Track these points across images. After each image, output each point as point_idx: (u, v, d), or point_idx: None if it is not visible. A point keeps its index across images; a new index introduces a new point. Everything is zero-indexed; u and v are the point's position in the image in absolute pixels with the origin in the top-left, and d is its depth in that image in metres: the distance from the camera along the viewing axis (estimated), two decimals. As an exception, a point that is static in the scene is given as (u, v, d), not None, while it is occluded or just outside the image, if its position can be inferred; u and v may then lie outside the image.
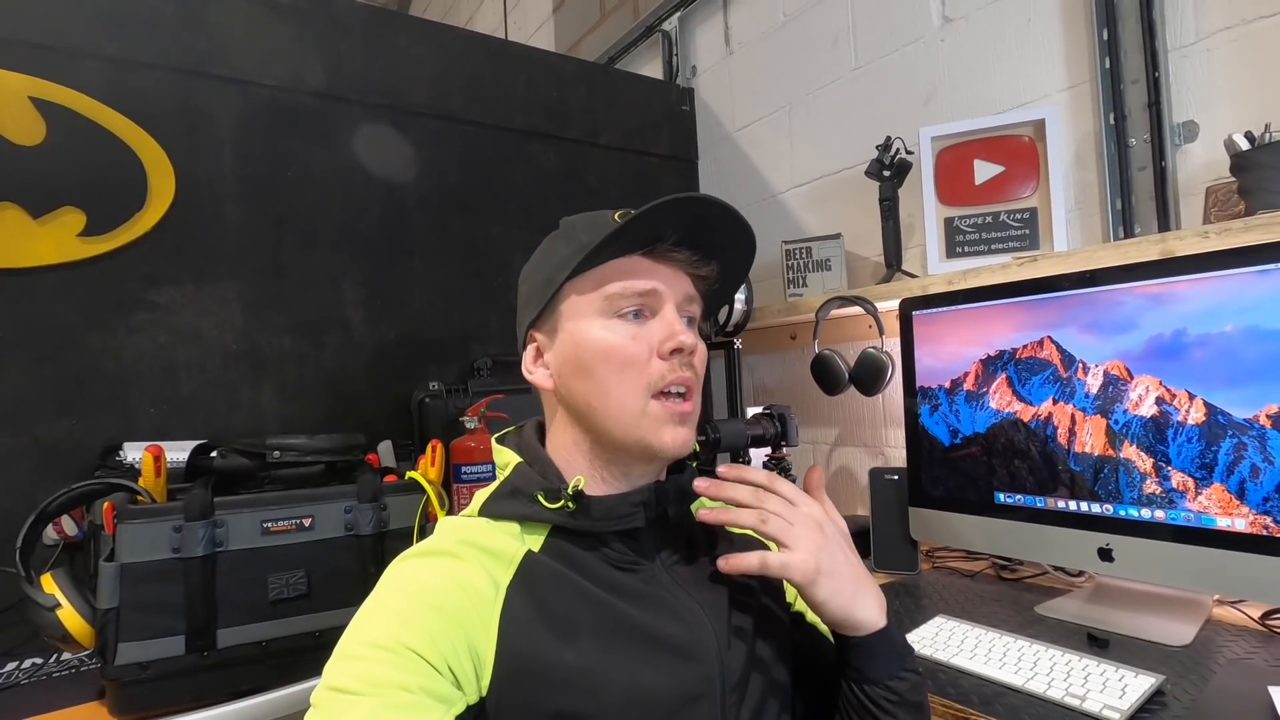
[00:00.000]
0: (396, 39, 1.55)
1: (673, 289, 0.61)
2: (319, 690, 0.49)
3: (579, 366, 0.60)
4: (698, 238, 0.61)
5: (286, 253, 1.39)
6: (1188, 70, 1.09)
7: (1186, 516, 0.87)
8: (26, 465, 1.14)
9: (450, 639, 0.51)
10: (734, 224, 0.62)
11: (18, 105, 1.15)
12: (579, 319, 0.61)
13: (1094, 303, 0.95)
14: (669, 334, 0.59)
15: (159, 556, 0.79)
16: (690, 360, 0.61)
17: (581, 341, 0.60)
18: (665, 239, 0.60)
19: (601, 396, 0.59)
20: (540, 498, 0.58)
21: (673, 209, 0.58)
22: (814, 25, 1.69)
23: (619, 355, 0.59)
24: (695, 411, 0.62)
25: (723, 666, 0.58)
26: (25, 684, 0.92)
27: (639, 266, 0.60)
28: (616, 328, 0.60)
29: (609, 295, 0.60)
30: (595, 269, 0.60)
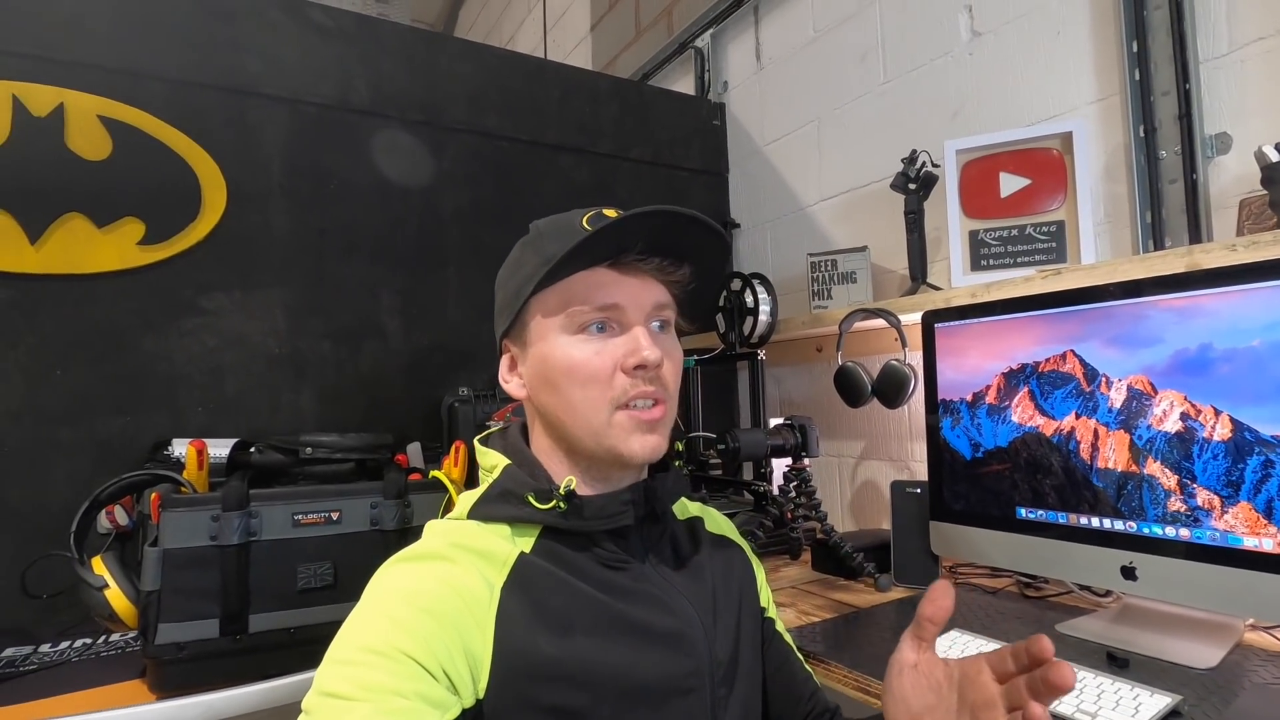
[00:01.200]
0: (436, 58, 1.62)
1: (639, 301, 0.61)
2: (311, 696, 0.49)
3: (546, 380, 0.61)
4: (665, 244, 0.61)
5: (328, 262, 1.46)
6: (1220, 81, 1.07)
7: (1212, 535, 0.85)
8: (85, 458, 1.22)
9: (445, 643, 0.51)
10: (700, 228, 0.61)
11: (88, 124, 1.25)
12: (545, 334, 0.61)
13: (1118, 316, 0.94)
14: (632, 350, 0.59)
15: (198, 543, 0.84)
16: (656, 373, 0.60)
17: (547, 357, 0.61)
18: (629, 250, 0.60)
19: (568, 410, 0.60)
20: (531, 499, 0.59)
21: (639, 222, 0.58)
22: (843, 41, 1.70)
23: (582, 371, 0.59)
24: (665, 416, 0.61)
25: (711, 659, 0.60)
26: (75, 661, 0.98)
27: (604, 280, 0.60)
28: (580, 344, 0.60)
29: (572, 312, 0.60)
30: (560, 282, 0.60)
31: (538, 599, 0.55)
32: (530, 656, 0.53)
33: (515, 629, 0.53)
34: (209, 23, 1.36)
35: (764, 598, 0.76)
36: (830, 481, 1.71)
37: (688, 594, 0.63)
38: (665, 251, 0.61)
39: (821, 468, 1.72)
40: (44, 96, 1.21)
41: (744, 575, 0.73)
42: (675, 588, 0.62)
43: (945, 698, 0.50)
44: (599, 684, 0.54)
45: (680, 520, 0.73)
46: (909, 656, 0.53)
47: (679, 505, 0.75)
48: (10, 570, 1.05)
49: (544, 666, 0.53)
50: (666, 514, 0.67)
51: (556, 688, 0.53)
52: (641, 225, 0.58)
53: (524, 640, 0.53)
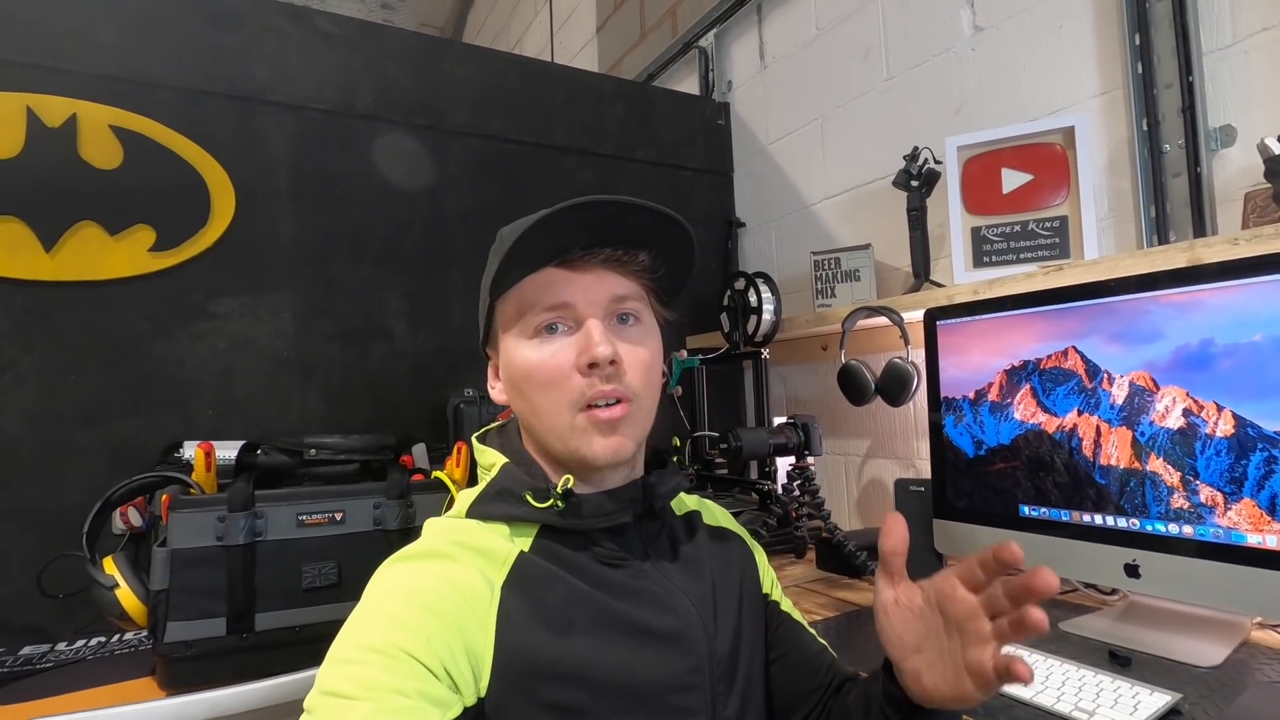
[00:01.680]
0: (440, 63, 1.64)
1: (591, 296, 0.59)
2: (313, 695, 0.49)
3: (513, 386, 0.61)
4: (611, 234, 0.59)
5: (334, 266, 1.48)
6: (1224, 73, 1.05)
7: (1215, 533, 0.84)
8: (100, 460, 1.25)
9: (447, 641, 0.51)
10: (638, 213, 0.58)
11: (100, 133, 1.27)
12: (507, 339, 0.61)
13: (1119, 312, 0.93)
14: (583, 348, 0.58)
15: (205, 544, 0.86)
16: (615, 370, 0.58)
17: (509, 362, 0.61)
18: (571, 246, 0.58)
19: (535, 414, 0.60)
20: (529, 498, 0.59)
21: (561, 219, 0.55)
22: (846, 38, 1.70)
23: (539, 375, 0.59)
24: (629, 415, 0.59)
25: (711, 656, 0.60)
26: (90, 659, 1.00)
27: (553, 279, 0.59)
28: (536, 347, 0.59)
29: (524, 315, 0.59)
30: (515, 287, 0.60)
31: (537, 597, 0.56)
32: (531, 655, 0.53)
33: (516, 627, 0.54)
34: (216, 32, 1.39)
35: (766, 582, 0.75)
36: (836, 480, 1.71)
37: (687, 591, 0.63)
38: (614, 241, 0.59)
39: (827, 466, 1.72)
40: (57, 107, 1.24)
41: (744, 563, 0.72)
42: (674, 585, 0.62)
43: (931, 622, 0.52)
44: (599, 682, 0.54)
45: (678, 515, 0.73)
46: (887, 594, 0.56)
47: (676, 500, 0.75)
48: (28, 570, 1.08)
49: (544, 665, 0.53)
50: (664, 511, 0.67)
51: (557, 686, 0.53)
52: (571, 220, 0.56)
53: (525, 639, 0.53)
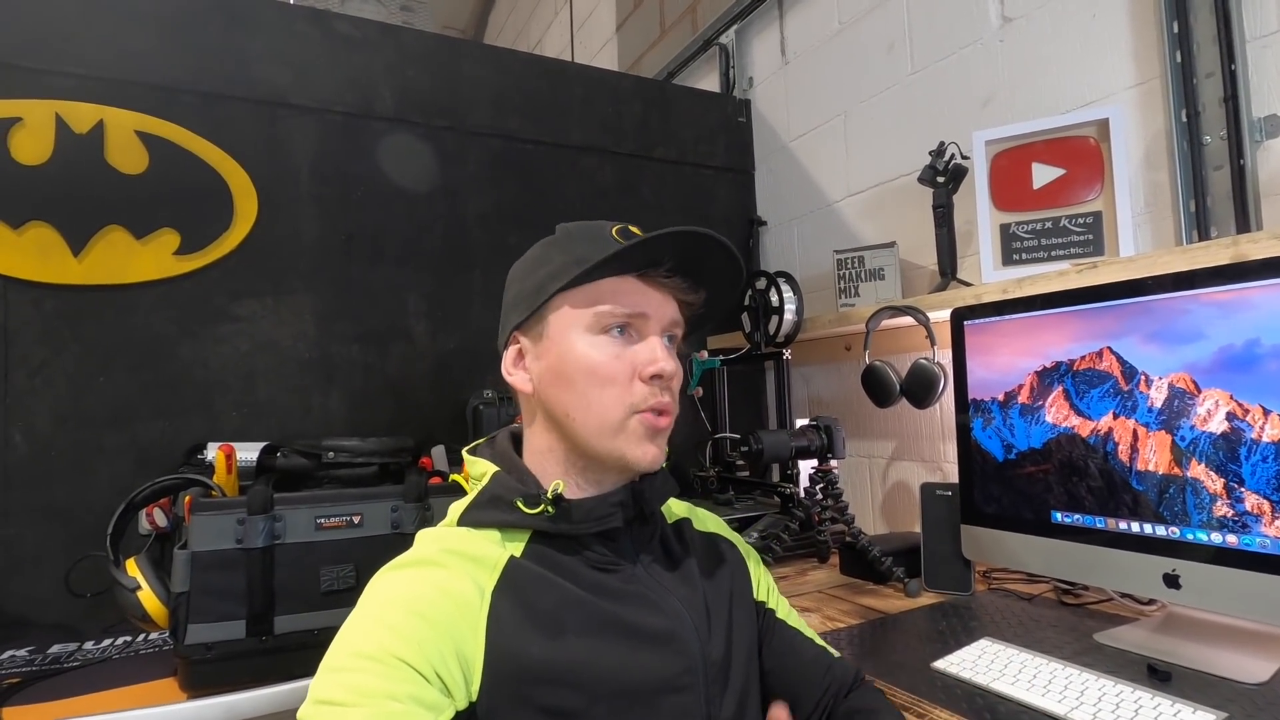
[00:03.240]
0: (459, 64, 1.63)
1: (659, 314, 0.63)
2: (306, 706, 0.49)
3: (561, 376, 0.62)
4: (689, 266, 0.64)
5: (355, 267, 1.49)
6: (1269, 61, 1.01)
7: (1262, 543, 0.80)
8: (127, 461, 1.27)
9: (438, 646, 0.51)
10: (725, 256, 0.64)
11: (126, 139, 1.29)
12: (566, 330, 0.62)
13: (1157, 311, 0.89)
14: (652, 359, 0.61)
15: (225, 546, 0.86)
16: (669, 385, 0.63)
17: (566, 353, 0.62)
18: (660, 265, 0.62)
19: (582, 409, 0.61)
20: (520, 504, 0.60)
21: (671, 239, 0.60)
22: (869, 31, 1.67)
23: (602, 373, 0.61)
24: (669, 428, 0.64)
25: (704, 657, 0.60)
26: (116, 658, 1.02)
27: (630, 288, 0.62)
28: (601, 344, 0.61)
29: (599, 312, 0.61)
30: (589, 284, 0.62)
31: (528, 601, 0.56)
32: (522, 659, 0.54)
33: (506, 631, 0.54)
34: (239, 38, 1.40)
35: (761, 589, 0.75)
36: (861, 483, 1.68)
37: (678, 594, 0.63)
38: (688, 273, 0.64)
39: (852, 469, 1.69)
40: (84, 114, 1.26)
41: (735, 569, 0.73)
42: (666, 588, 0.63)
43: None
44: (592, 685, 0.55)
45: (668, 523, 0.73)
46: None
47: (665, 508, 0.75)
48: (58, 569, 1.10)
49: (536, 668, 0.54)
50: (655, 515, 0.68)
51: (549, 689, 0.54)
52: (675, 242, 0.61)
53: (515, 642, 0.54)
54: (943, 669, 0.84)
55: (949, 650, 0.89)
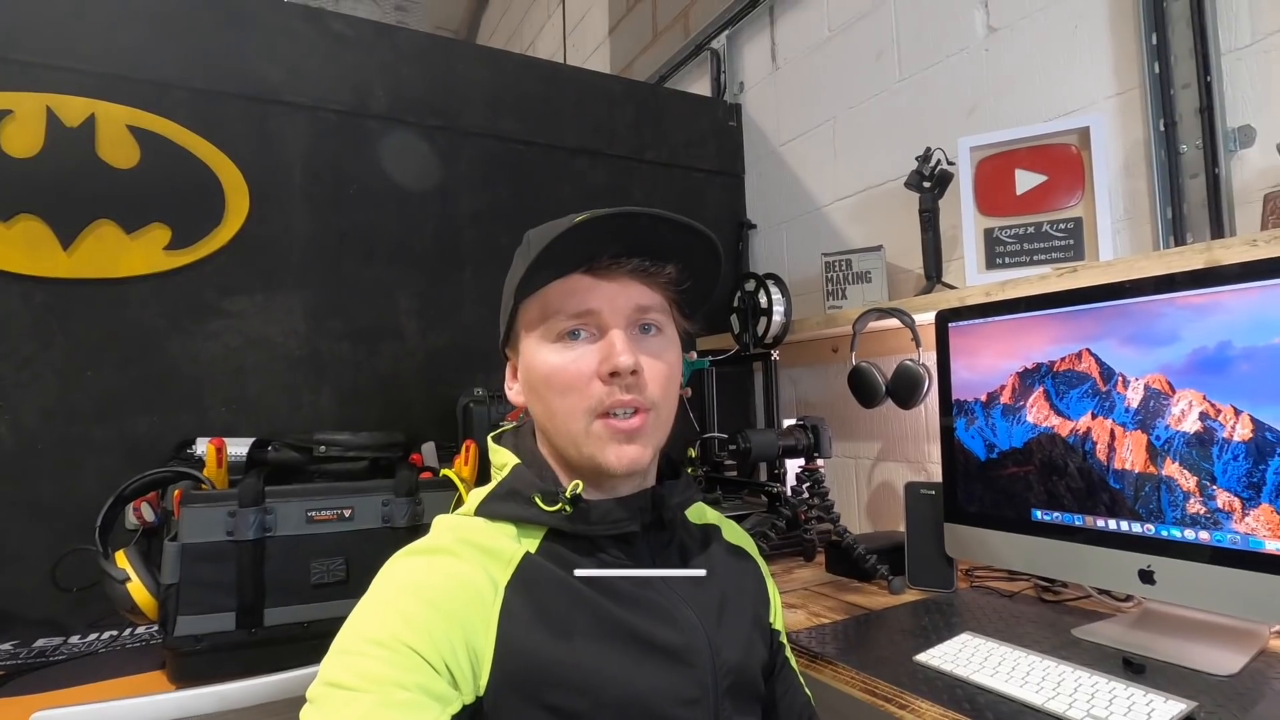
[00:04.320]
0: (453, 64, 1.64)
1: (615, 305, 0.59)
2: (316, 685, 0.49)
3: (531, 388, 0.61)
4: (642, 244, 0.59)
5: (347, 265, 1.49)
6: (1243, 73, 1.04)
7: (1233, 539, 0.83)
8: (115, 455, 1.26)
9: (449, 637, 0.51)
10: (668, 225, 0.58)
11: (118, 133, 1.29)
12: (529, 342, 0.61)
13: (1134, 314, 0.92)
14: (605, 355, 0.58)
15: (215, 538, 0.87)
16: (635, 380, 0.58)
17: (529, 364, 0.61)
18: (600, 254, 0.58)
19: (549, 419, 0.60)
20: (538, 500, 0.59)
21: (593, 227, 0.56)
22: (859, 39, 1.69)
23: (559, 379, 0.58)
24: (647, 426, 0.60)
25: (715, 671, 0.59)
26: (103, 652, 1.01)
27: (579, 286, 0.59)
28: (557, 351, 0.59)
29: (549, 320, 0.59)
30: (540, 291, 0.60)
31: (540, 600, 0.55)
32: (531, 657, 0.53)
33: (517, 628, 0.53)
34: (233, 34, 1.40)
35: (777, 618, 0.75)
36: (847, 483, 1.70)
37: (693, 603, 0.62)
38: (643, 251, 0.59)
39: (838, 469, 1.71)
40: (76, 107, 1.26)
41: (758, 594, 0.72)
42: (680, 596, 0.62)
43: None
44: (599, 690, 0.54)
45: (696, 526, 0.72)
46: None
47: (696, 511, 0.74)
48: (44, 563, 1.09)
49: (544, 668, 0.53)
50: (674, 521, 0.67)
51: (556, 690, 0.53)
52: (602, 229, 0.56)
53: (525, 640, 0.53)
54: (925, 662, 0.86)
55: (931, 644, 0.90)
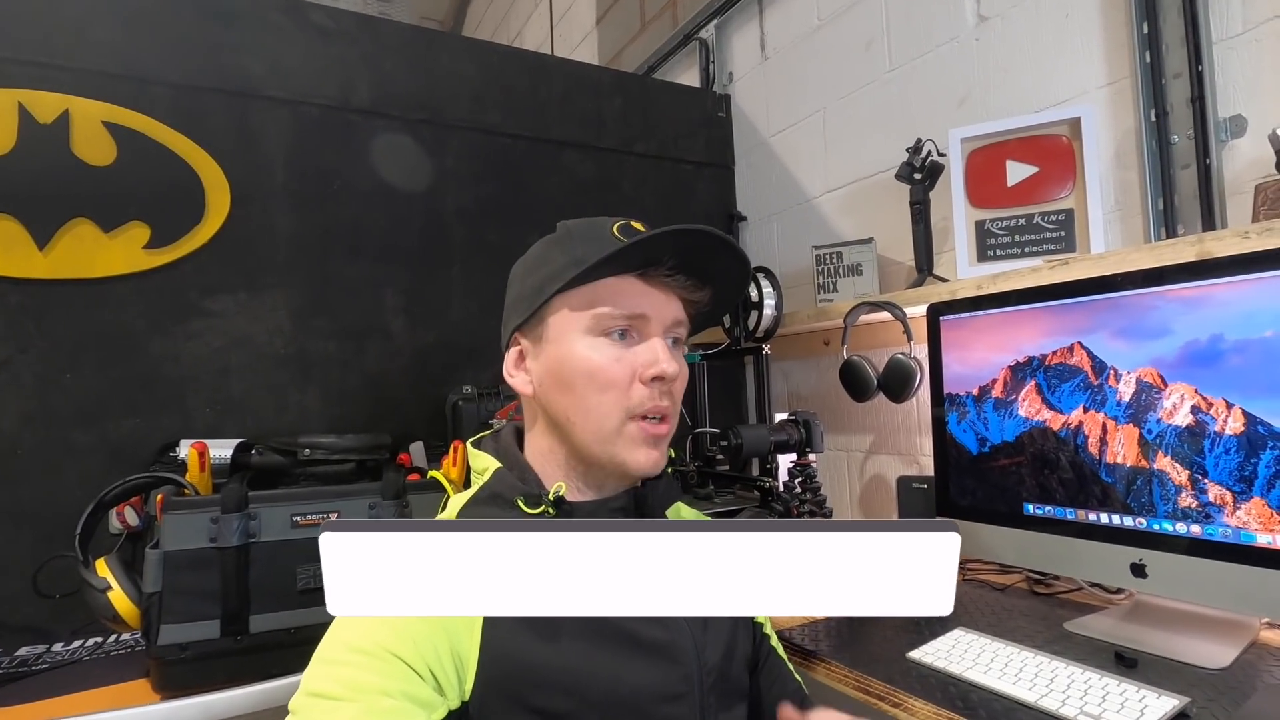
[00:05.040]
0: (438, 57, 1.62)
1: (661, 314, 0.62)
2: (298, 696, 0.49)
3: (561, 380, 0.61)
4: (693, 264, 0.62)
5: (332, 262, 1.47)
6: (1234, 63, 1.03)
7: (1224, 532, 0.82)
8: (97, 459, 1.24)
9: (433, 643, 0.51)
10: (730, 254, 0.62)
11: (93, 130, 1.26)
12: (566, 332, 0.61)
13: (1126, 307, 0.91)
14: (652, 361, 0.60)
15: (198, 545, 0.85)
16: (670, 388, 0.61)
17: (566, 356, 0.60)
18: (661, 264, 0.61)
19: (581, 412, 0.60)
20: (520, 503, 0.59)
21: (671, 238, 0.58)
22: (848, 29, 1.68)
23: (602, 376, 0.59)
24: (670, 433, 0.63)
25: (700, 668, 0.60)
26: (86, 660, 1.00)
27: (631, 288, 0.61)
28: (602, 347, 0.60)
29: (598, 314, 0.60)
30: (587, 285, 0.60)
31: None
32: (517, 659, 0.53)
33: (502, 631, 0.53)
34: (210, 27, 1.37)
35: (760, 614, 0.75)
36: (839, 477, 1.70)
37: None
38: (692, 271, 0.62)
39: (830, 462, 1.71)
40: (49, 103, 1.22)
41: None
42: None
43: None
44: (585, 690, 0.54)
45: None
46: None
47: (673, 511, 0.75)
48: (25, 570, 1.07)
49: (530, 670, 0.53)
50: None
51: (542, 691, 0.53)
52: (676, 241, 0.59)
53: (510, 643, 0.53)
54: (918, 659, 0.85)
55: (924, 640, 0.90)
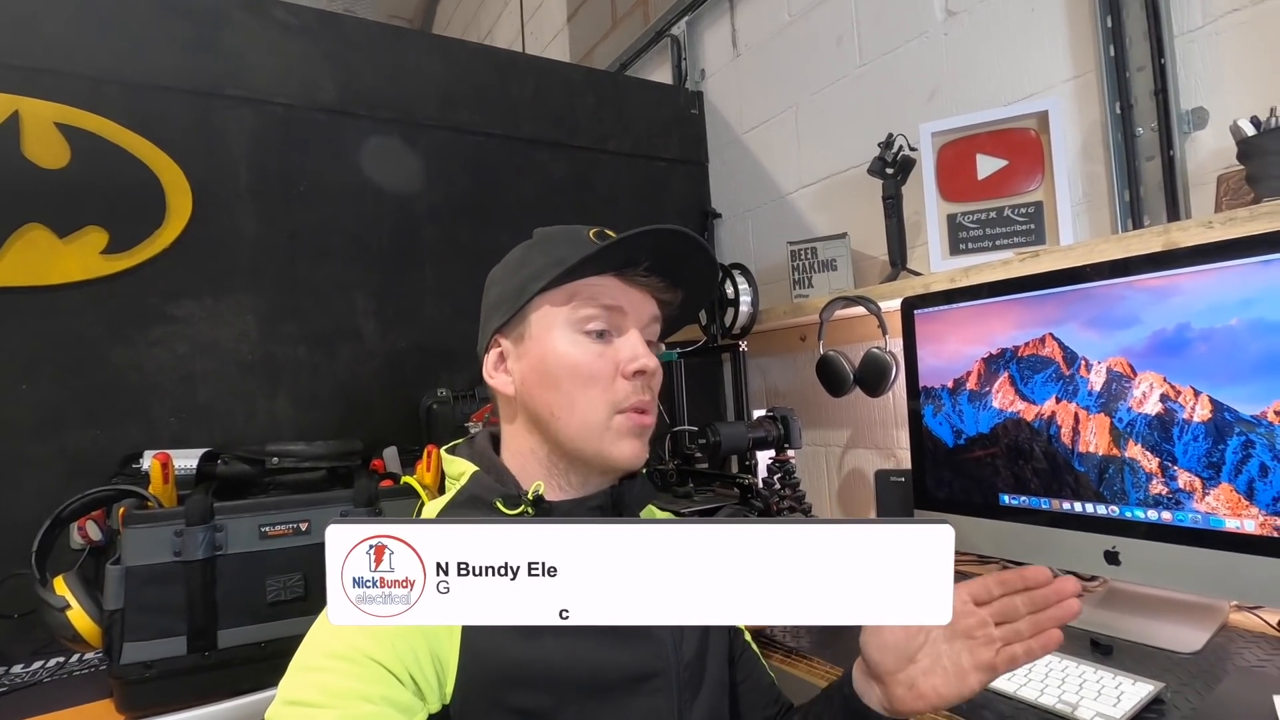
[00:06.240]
0: (405, 54, 1.59)
1: (638, 311, 0.64)
2: (275, 705, 0.49)
3: (545, 376, 0.62)
4: (667, 266, 0.64)
5: (300, 265, 1.44)
6: (1195, 55, 1.05)
7: (1194, 518, 0.84)
8: (55, 472, 1.20)
9: (412, 647, 0.51)
10: (702, 257, 0.64)
11: (44, 131, 1.21)
12: (548, 330, 0.62)
13: (1095, 298, 0.92)
14: (633, 356, 0.61)
15: (161, 560, 0.82)
16: (650, 382, 0.63)
17: (548, 353, 0.61)
18: (638, 264, 0.63)
19: (566, 408, 0.61)
20: (499, 504, 0.60)
21: (650, 238, 0.60)
22: (818, 24, 1.68)
23: (585, 371, 0.61)
24: (652, 426, 0.64)
25: (677, 661, 0.61)
26: (47, 681, 0.96)
27: (610, 287, 0.62)
28: (583, 344, 0.61)
29: (579, 311, 0.62)
30: (568, 284, 0.62)
31: None
32: (497, 659, 0.53)
33: (482, 632, 0.53)
34: (168, 24, 1.33)
35: None
36: (817, 471, 1.70)
37: None
38: (666, 273, 0.64)
39: (808, 457, 1.71)
40: (-3, 104, 1.18)
41: None
42: None
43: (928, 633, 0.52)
44: (564, 685, 0.55)
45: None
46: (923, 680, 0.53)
47: (646, 512, 0.75)
48: (-20, 590, 1.03)
49: (510, 669, 0.54)
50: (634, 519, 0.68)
51: (522, 690, 0.54)
52: (652, 241, 0.61)
53: (490, 643, 0.53)
54: (898, 653, 0.85)
55: (904, 634, 0.90)
